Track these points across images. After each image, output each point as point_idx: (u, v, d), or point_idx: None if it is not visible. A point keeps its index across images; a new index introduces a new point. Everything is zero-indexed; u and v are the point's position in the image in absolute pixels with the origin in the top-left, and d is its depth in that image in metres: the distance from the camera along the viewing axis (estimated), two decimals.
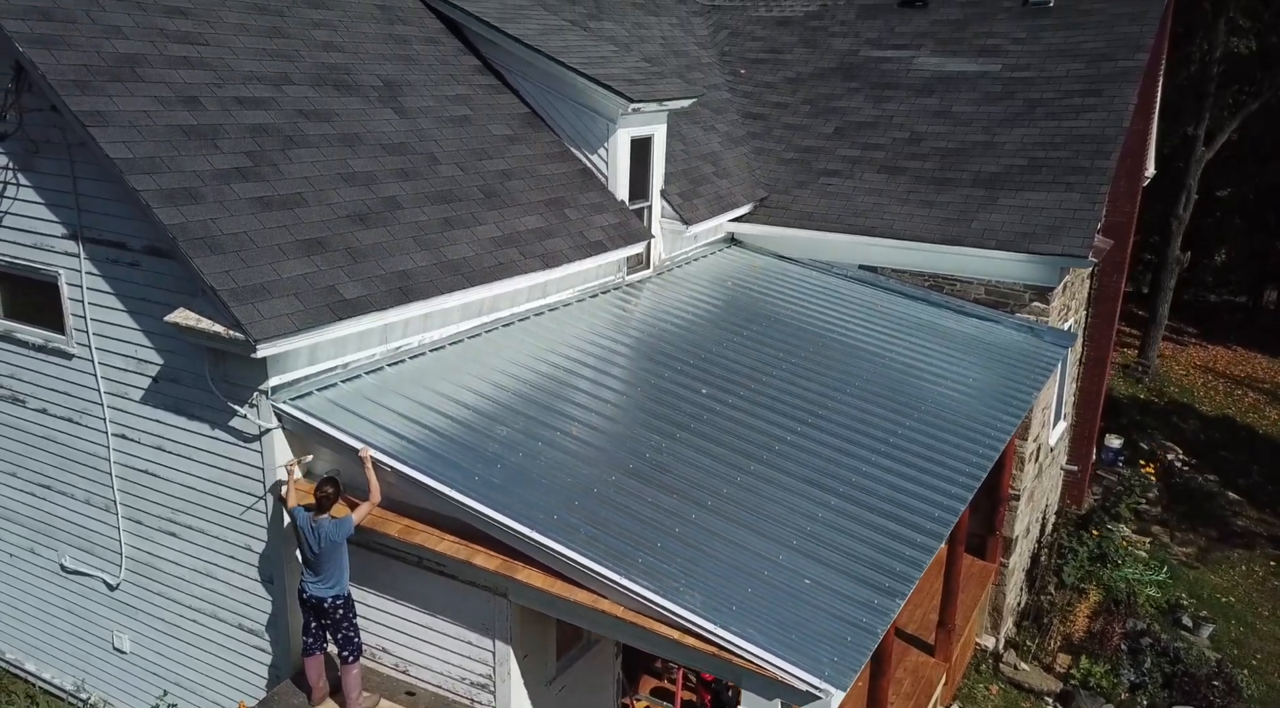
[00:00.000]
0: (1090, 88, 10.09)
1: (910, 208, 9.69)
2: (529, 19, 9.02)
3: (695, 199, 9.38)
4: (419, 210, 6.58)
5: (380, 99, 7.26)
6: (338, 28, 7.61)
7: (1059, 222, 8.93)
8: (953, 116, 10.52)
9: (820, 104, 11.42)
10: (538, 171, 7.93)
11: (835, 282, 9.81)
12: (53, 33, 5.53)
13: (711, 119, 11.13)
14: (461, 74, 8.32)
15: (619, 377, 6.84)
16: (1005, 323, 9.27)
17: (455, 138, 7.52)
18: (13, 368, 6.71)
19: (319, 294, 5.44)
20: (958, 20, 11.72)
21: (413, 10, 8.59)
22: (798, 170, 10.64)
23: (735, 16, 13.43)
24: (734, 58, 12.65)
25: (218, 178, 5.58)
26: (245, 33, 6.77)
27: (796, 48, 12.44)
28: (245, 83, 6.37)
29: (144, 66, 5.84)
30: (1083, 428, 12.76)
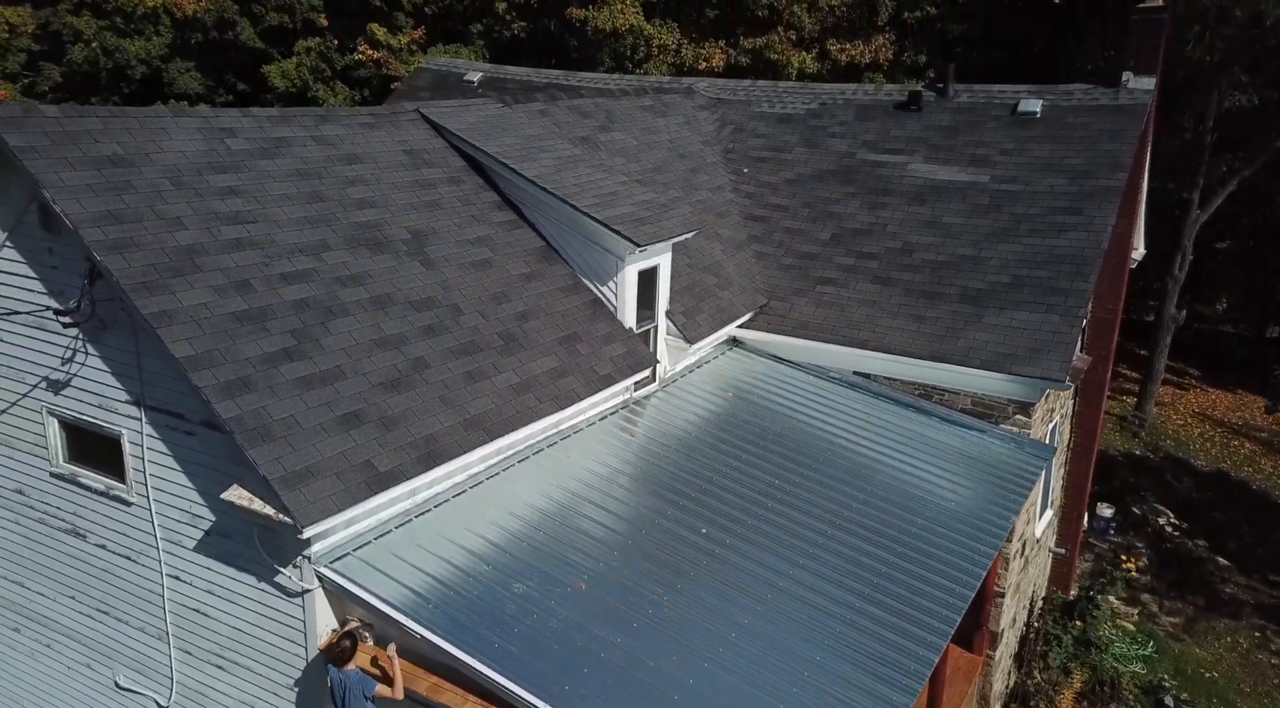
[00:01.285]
0: (1072, 206, 10.69)
1: (901, 322, 10.31)
2: (544, 153, 9.70)
3: (698, 315, 10.02)
4: (444, 367, 7.24)
5: (409, 252, 7.93)
6: (370, 182, 8.29)
7: (1039, 343, 9.52)
8: (943, 227, 11.14)
9: (819, 208, 12.05)
10: (553, 308, 8.58)
11: (832, 388, 10.42)
12: (123, 235, 6.21)
13: (715, 224, 11.78)
14: (482, 212, 9.00)
15: (624, 515, 7.47)
16: (990, 433, 9.85)
17: (477, 283, 8.19)
18: (75, 506, 7.39)
19: (356, 470, 6.09)
20: (950, 127, 12.35)
21: (437, 152, 9.27)
22: (796, 277, 11.27)
23: (739, 111, 14.09)
24: (738, 156, 13.31)
25: (267, 362, 6.25)
26: (289, 202, 7.45)
27: (797, 147, 13.09)
28: (289, 256, 7.05)
29: (202, 255, 6.53)
30: (1071, 509, 13.31)
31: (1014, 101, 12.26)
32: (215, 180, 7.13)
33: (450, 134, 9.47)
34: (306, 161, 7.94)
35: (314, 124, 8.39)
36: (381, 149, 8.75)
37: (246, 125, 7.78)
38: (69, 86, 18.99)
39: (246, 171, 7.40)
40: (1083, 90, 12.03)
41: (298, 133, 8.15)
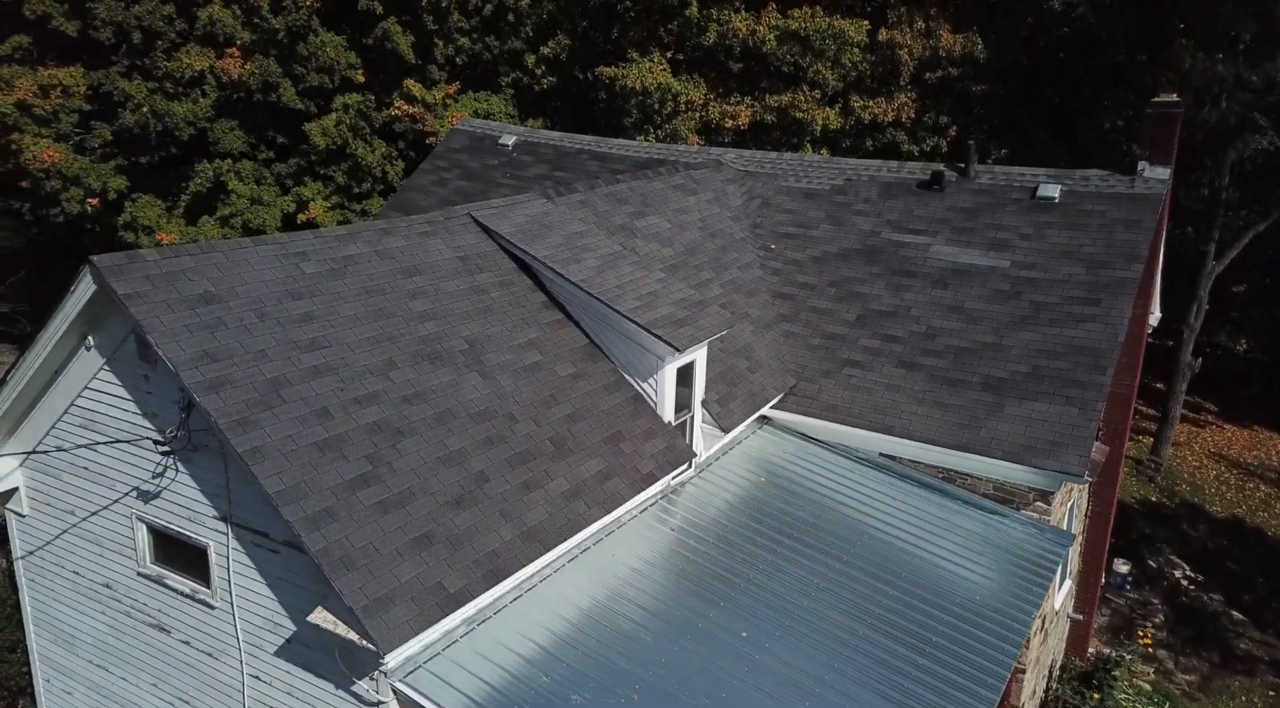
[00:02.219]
0: (1089, 296, 11.16)
1: (926, 408, 10.79)
2: (587, 253, 10.27)
3: (731, 403, 10.55)
4: (503, 479, 7.79)
5: (466, 363, 8.51)
6: (430, 293, 8.88)
7: (1059, 437, 9.99)
8: (965, 313, 11.62)
9: (844, 288, 12.56)
10: (597, 407, 9.13)
11: (858, 470, 10.91)
12: (218, 374, 6.81)
13: (745, 304, 12.31)
14: (532, 314, 9.57)
15: (668, 617, 7.98)
16: (1011, 518, 10.32)
17: (529, 388, 8.75)
18: (161, 603, 7.98)
19: (429, 593, 6.65)
20: (971, 209, 12.84)
21: (489, 255, 9.86)
22: (823, 358, 11.78)
23: (766, 185, 14.62)
24: (765, 231, 13.84)
25: (346, 489, 6.82)
26: (358, 322, 8.04)
27: (823, 224, 13.61)
28: (361, 378, 7.63)
29: (285, 386, 7.12)
30: (1088, 574, 13.72)
31: (1033, 185, 12.73)
32: (293, 307, 7.72)
33: (500, 238, 10.06)
34: (372, 278, 8.54)
35: (377, 238, 8.99)
36: (439, 258, 9.34)
37: (318, 246, 8.39)
38: (119, 144, 19.75)
39: (320, 295, 8.00)
40: (1099, 177, 12.49)
41: (363, 249, 8.75)
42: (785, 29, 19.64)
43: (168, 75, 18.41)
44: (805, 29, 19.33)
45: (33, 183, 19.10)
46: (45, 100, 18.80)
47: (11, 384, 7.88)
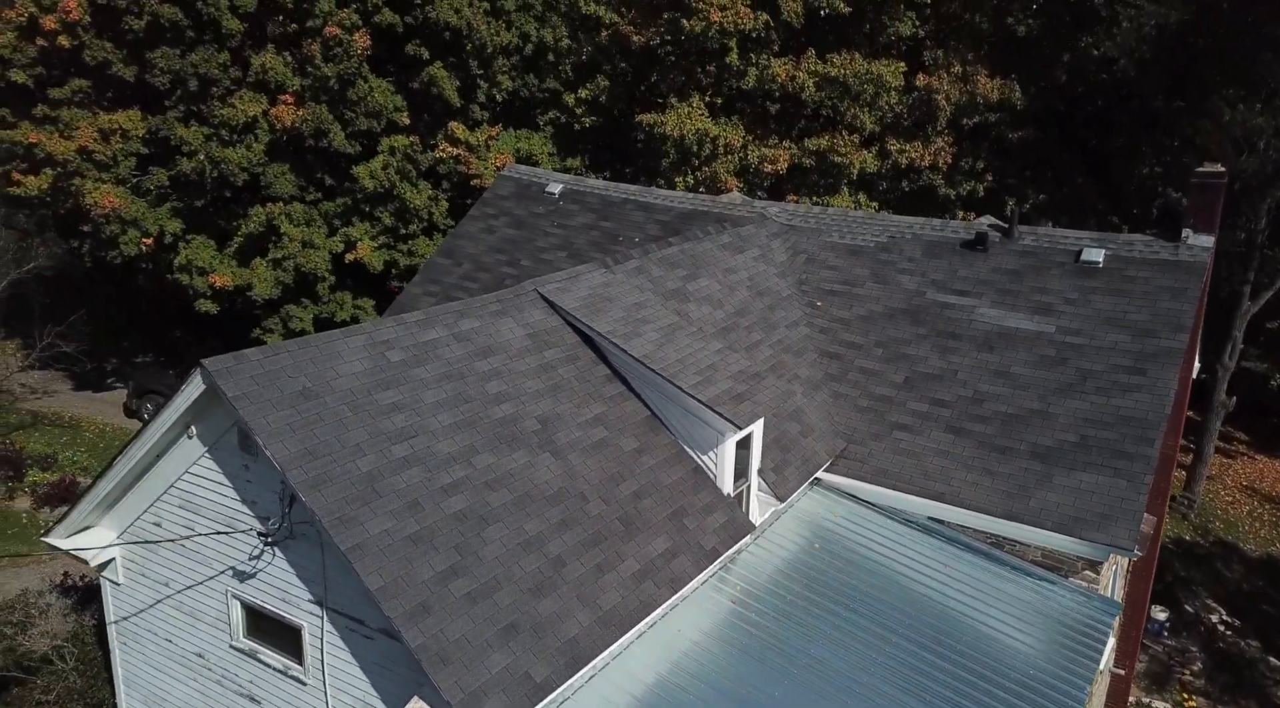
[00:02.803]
0: (1135, 365, 11.39)
1: (975, 476, 11.06)
2: (647, 325, 10.64)
3: (786, 470, 10.87)
4: (578, 562, 8.16)
5: (540, 443, 8.89)
6: (503, 373, 9.27)
7: (1108, 509, 10.23)
8: (1011, 378, 11.89)
9: (891, 349, 12.85)
10: (661, 482, 9.49)
11: (908, 534, 11.18)
12: (319, 472, 7.22)
13: (794, 364, 12.64)
14: (596, 388, 9.95)
15: (734, 696, 8.31)
16: (1060, 586, 10.56)
17: (597, 465, 9.12)
18: (253, 675, 8.41)
19: (518, 683, 7.01)
20: (1015, 271, 13.10)
21: (555, 330, 10.25)
22: (873, 420, 12.07)
23: (811, 240, 14.94)
24: (810, 287, 14.16)
25: (439, 581, 7.21)
26: (441, 409, 8.45)
27: (868, 282, 13.91)
28: (446, 466, 8.03)
29: (379, 480, 7.52)
30: (1128, 628, 13.90)
31: (1077, 249, 12.97)
32: (382, 398, 8.14)
33: (565, 313, 10.45)
34: (451, 363, 8.95)
35: (454, 321, 9.41)
36: (510, 337, 9.74)
37: (400, 334, 8.81)
38: (174, 186, 20.35)
39: (405, 383, 8.41)
40: (1144, 242, 12.71)
41: (441, 333, 9.17)
42: (824, 75, 19.95)
43: (224, 123, 18.96)
44: (844, 75, 19.64)
45: (93, 226, 19.72)
46: (105, 146, 19.42)
47: (115, 470, 8.34)
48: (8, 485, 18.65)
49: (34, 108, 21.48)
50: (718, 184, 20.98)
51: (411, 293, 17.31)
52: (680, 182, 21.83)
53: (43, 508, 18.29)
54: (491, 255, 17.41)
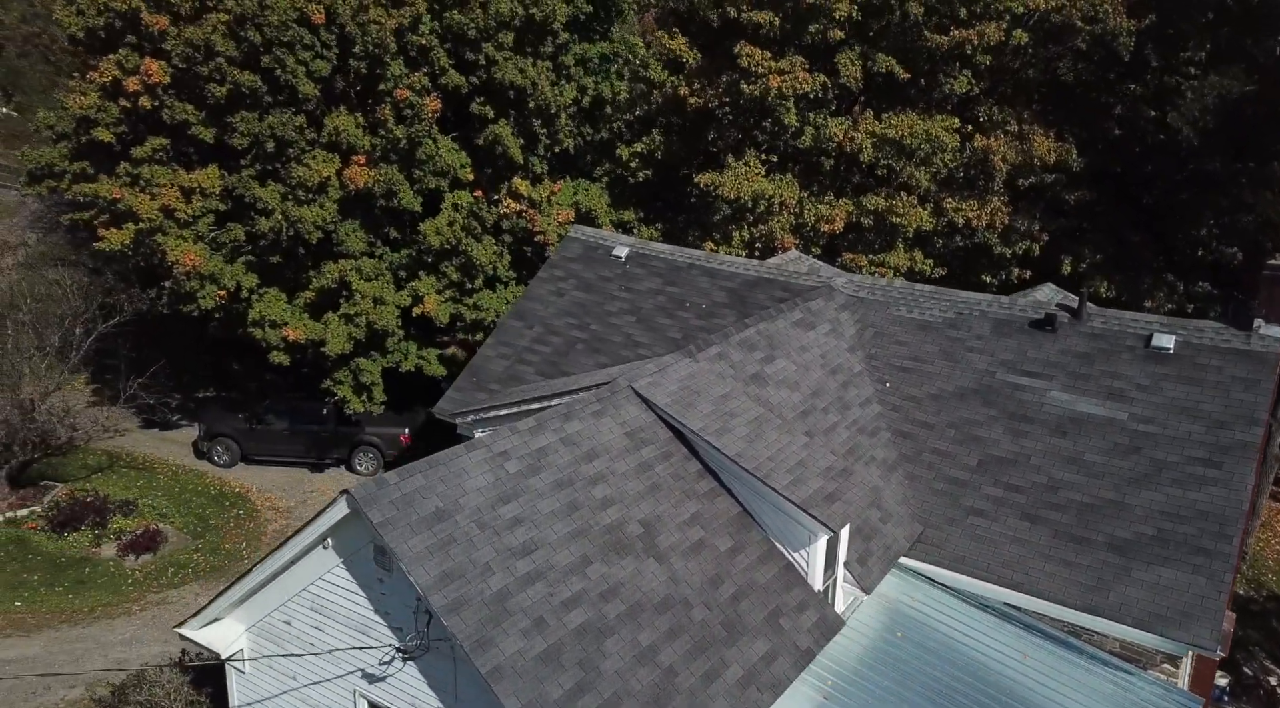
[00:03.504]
0: (1210, 458, 11.64)
1: (1052, 566, 11.36)
2: (735, 419, 11.07)
3: (869, 560, 11.23)
4: (688, 671, 8.58)
5: (645, 549, 9.34)
6: (607, 476, 9.74)
7: (1188, 607, 10.49)
8: (1085, 466, 12.16)
9: (963, 430, 13.17)
10: (756, 582, 9.89)
11: (987, 621, 11.46)
12: (457, 595, 7.71)
13: (869, 446, 13.00)
14: (690, 486, 10.39)
15: None
16: (1140, 678, 10.82)
17: (698, 568, 9.54)
18: None
19: None
20: (1085, 354, 13.38)
21: (649, 427, 10.71)
22: (948, 504, 12.40)
23: (878, 313, 15.29)
24: (880, 363, 14.51)
25: (568, 699, 7.66)
26: (556, 519, 8.92)
27: (937, 359, 14.24)
28: (564, 579, 8.49)
29: (509, 598, 8.00)
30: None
31: (1147, 333, 13.22)
32: (504, 512, 8.62)
33: (657, 408, 10.90)
34: (561, 469, 9.42)
35: (560, 424, 9.89)
36: (610, 437, 10.20)
37: (516, 444, 9.30)
38: (250, 242, 21.09)
39: (523, 495, 8.89)
40: (1214, 330, 12.94)
41: (550, 439, 9.65)
42: (882, 136, 20.31)
43: (300, 183, 19.66)
44: (901, 136, 19.98)
45: (173, 280, 20.48)
46: (187, 205, 20.20)
47: (252, 576, 8.89)
48: (94, 533, 19.40)
49: (116, 164, 22.37)
50: (774, 242, 21.38)
51: (485, 355, 17.84)
52: (736, 236, 22.25)
53: (127, 555, 19.01)
54: (561, 319, 17.91)
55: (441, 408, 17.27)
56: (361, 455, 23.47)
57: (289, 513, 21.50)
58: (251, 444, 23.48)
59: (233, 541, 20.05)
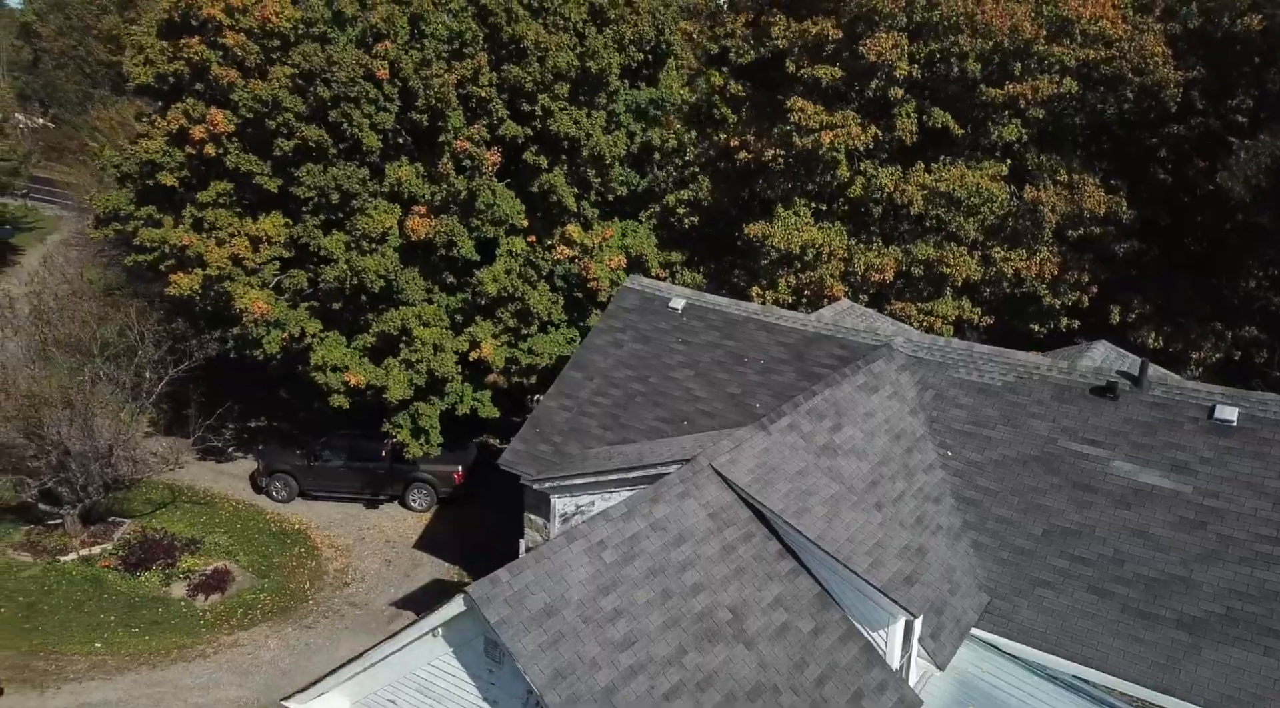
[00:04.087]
0: (1278, 536, 11.83)
1: (1121, 642, 11.60)
2: (812, 497, 11.42)
3: (942, 635, 11.53)
4: None
5: (734, 634, 9.71)
6: (694, 562, 10.12)
7: (1260, 689, 10.70)
8: (1151, 539, 12.40)
9: (1027, 498, 13.43)
10: (838, 664, 10.23)
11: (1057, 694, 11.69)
12: (568, 692, 8.12)
13: (935, 513, 13.30)
14: (773, 567, 10.74)
15: None
16: None
17: (784, 654, 9.90)
18: None
19: None
20: (1147, 424, 13.60)
21: (730, 507, 11.09)
22: (1014, 574, 12.66)
23: (938, 375, 15.58)
24: (941, 427, 14.80)
25: None
26: (651, 608, 9.31)
27: (999, 424, 14.51)
28: (663, 670, 8.88)
29: (614, 693, 8.40)
30: None
31: (1209, 404, 13.42)
32: (605, 604, 9.03)
33: (738, 488, 11.27)
34: (653, 556, 9.82)
35: (649, 509, 10.29)
36: (694, 520, 10.59)
37: (610, 533, 9.71)
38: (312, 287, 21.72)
39: (621, 585, 9.30)
40: (1276, 403, 13.12)
41: (641, 525, 10.05)
42: (934, 189, 20.59)
43: (365, 235, 20.24)
44: (953, 189, 20.26)
45: (241, 327, 21.13)
46: (255, 255, 20.85)
47: (364, 661, 9.35)
48: (164, 572, 20.03)
49: (180, 207, 23.11)
50: (823, 289, 21.70)
51: (547, 406, 18.30)
52: (783, 282, 22.59)
53: (197, 595, 19.62)
54: (621, 370, 18.33)
55: (507, 461, 17.74)
56: (416, 492, 24.01)
57: (348, 551, 22.06)
58: (309, 480, 24.10)
59: (296, 580, 20.62)
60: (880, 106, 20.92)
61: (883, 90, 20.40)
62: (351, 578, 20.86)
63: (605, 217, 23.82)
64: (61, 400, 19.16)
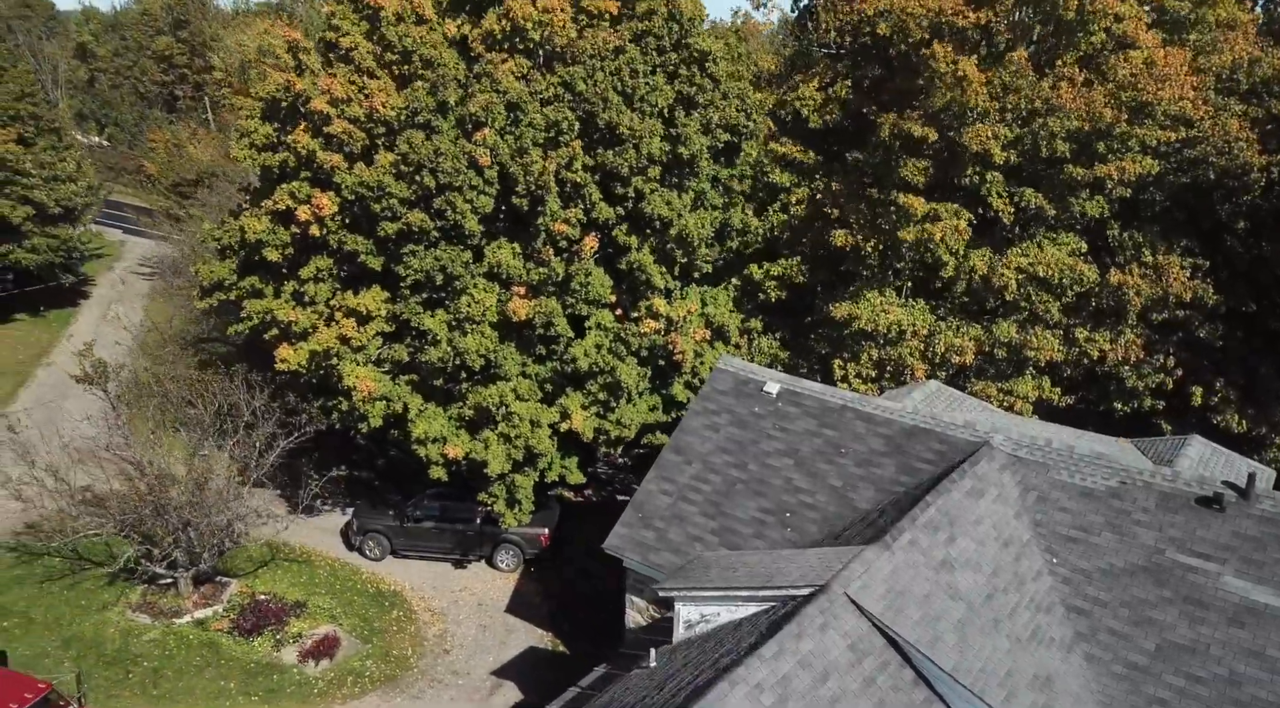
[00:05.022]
0: None
1: None
2: (940, 622, 11.96)
3: None
4: None
5: None
6: (841, 697, 10.72)
7: None
8: (1268, 661, 12.76)
9: (1137, 610, 13.85)
10: None
11: None
12: None
13: (1047, 624, 13.76)
14: (908, 696, 11.31)
15: None
16: None
17: None
18: None
19: None
20: (1257, 539, 13.96)
21: (866, 635, 11.67)
22: (1129, 690, 13.09)
23: (1039, 476, 16.02)
24: (1046, 531, 15.24)
25: None
26: None
27: (1104, 531, 14.93)
28: None
29: None
30: None
31: None
32: None
33: (871, 616, 11.86)
34: (803, 696, 10.44)
35: (794, 644, 10.91)
36: (836, 653, 11.19)
37: (765, 674, 10.34)
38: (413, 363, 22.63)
39: None
40: None
41: (790, 664, 10.68)
42: (1029, 273, 21.00)
43: (468, 318, 21.10)
44: (1048, 274, 20.66)
45: (349, 403, 22.09)
46: (362, 333, 21.80)
47: None
48: (275, 637, 20.98)
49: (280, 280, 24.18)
50: (904, 367, 22.18)
51: (648, 490, 18.97)
52: (865, 356, 23.11)
53: (308, 661, 20.52)
54: (719, 456, 18.96)
55: (612, 546, 18.44)
56: (503, 553, 24.83)
57: (444, 615, 22.89)
58: (401, 540, 25.02)
59: (399, 646, 21.47)
60: (974, 191, 21.41)
61: (979, 176, 20.89)
62: (451, 644, 21.67)
63: (683, 279, 24.48)
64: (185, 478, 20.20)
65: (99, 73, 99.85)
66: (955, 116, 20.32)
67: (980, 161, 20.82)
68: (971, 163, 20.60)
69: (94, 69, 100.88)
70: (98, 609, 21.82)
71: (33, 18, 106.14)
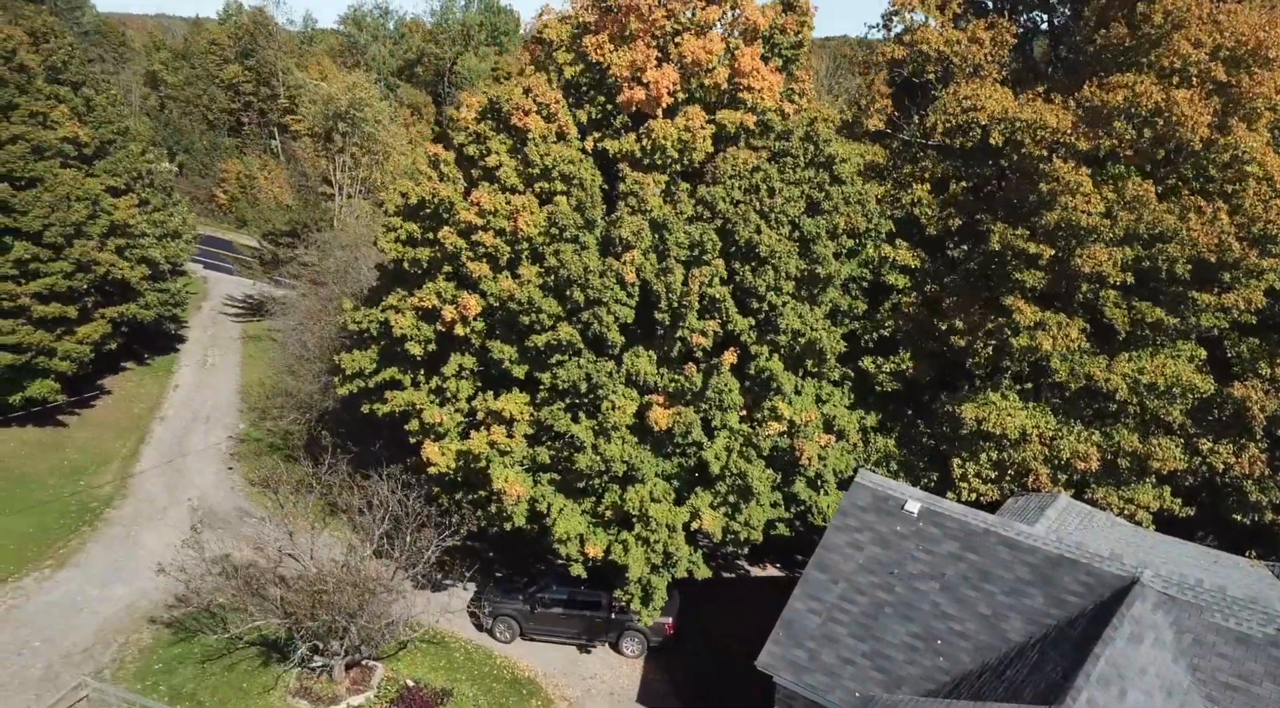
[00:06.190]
0: None
1: None
2: None
3: None
4: None
5: None
6: None
7: None
8: None
9: None
10: None
11: None
12: None
13: None
14: None
15: None
16: None
17: None
18: None
19: None
20: None
21: None
22: None
23: (1192, 618, 16.75)
24: (1205, 677, 15.99)
25: None
26: None
27: (1265, 681, 15.66)
28: None
29: None
30: None
31: None
32: None
33: None
34: None
35: None
36: None
37: None
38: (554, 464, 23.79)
39: None
40: None
41: None
42: (1140, 380, 21.73)
43: (614, 427, 22.22)
44: (1159, 382, 21.37)
45: (496, 505, 23.31)
46: (510, 439, 23.01)
47: None
48: None
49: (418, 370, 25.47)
50: (1027, 474, 22.95)
51: (796, 608, 19.93)
52: (984, 456, 23.90)
53: None
54: (863, 575, 19.86)
55: (765, 664, 19.40)
56: (629, 639, 25.92)
57: (578, 705, 24.01)
58: (530, 624, 26.20)
59: None
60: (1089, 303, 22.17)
61: (1094, 294, 21.65)
62: None
63: (819, 412, 25.36)
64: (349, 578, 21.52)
65: (170, 100, 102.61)
66: (1069, 234, 21.11)
67: (1096, 279, 21.54)
68: (1086, 280, 21.35)
69: (165, 97, 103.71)
70: (259, 693, 23.17)
71: (105, 44, 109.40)
